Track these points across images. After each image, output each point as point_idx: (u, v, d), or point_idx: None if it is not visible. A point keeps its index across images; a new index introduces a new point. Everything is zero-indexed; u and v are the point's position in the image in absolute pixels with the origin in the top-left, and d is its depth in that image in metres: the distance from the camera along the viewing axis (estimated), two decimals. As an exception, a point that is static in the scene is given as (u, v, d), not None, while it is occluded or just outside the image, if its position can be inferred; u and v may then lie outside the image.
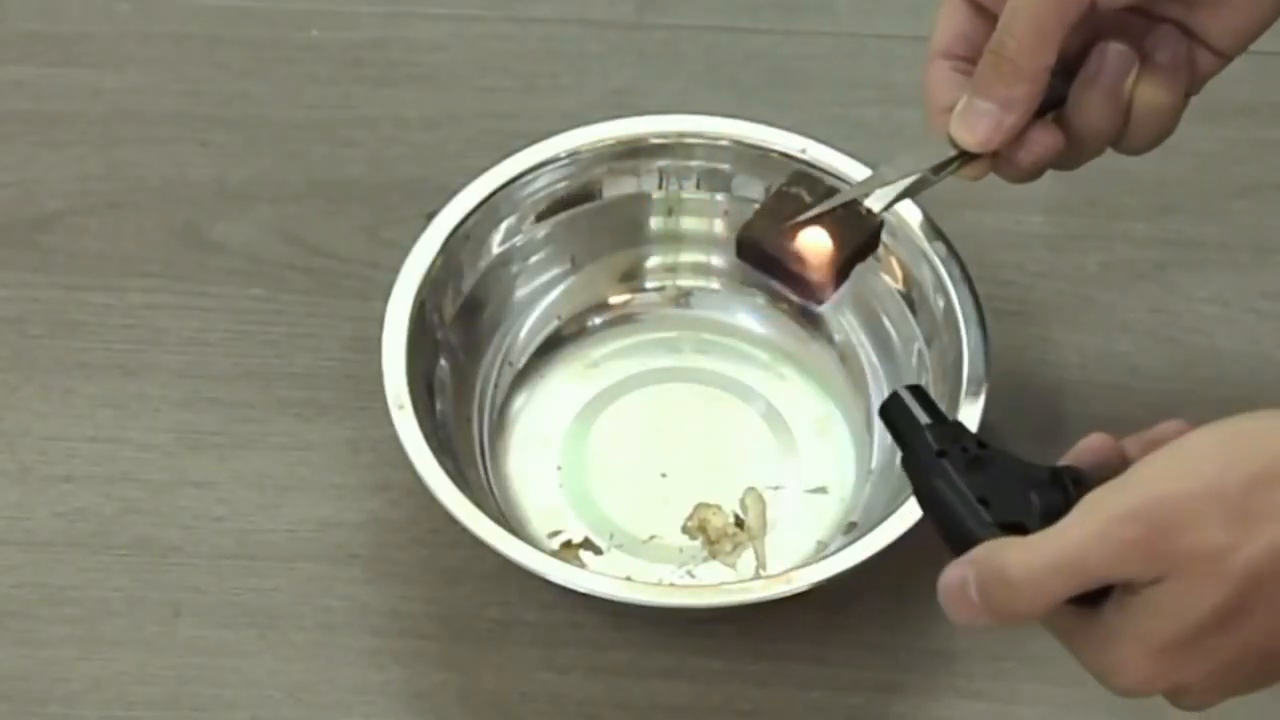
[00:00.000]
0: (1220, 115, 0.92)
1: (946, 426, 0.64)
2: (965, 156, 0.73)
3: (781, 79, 0.96)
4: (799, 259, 0.73)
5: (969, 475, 0.62)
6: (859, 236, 0.74)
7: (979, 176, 0.73)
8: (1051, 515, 0.60)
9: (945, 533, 0.62)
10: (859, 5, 0.98)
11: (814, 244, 0.73)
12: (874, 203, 0.74)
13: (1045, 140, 0.72)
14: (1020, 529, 0.60)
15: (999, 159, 0.73)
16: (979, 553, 0.60)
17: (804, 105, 0.94)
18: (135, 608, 0.80)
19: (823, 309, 0.84)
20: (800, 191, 0.75)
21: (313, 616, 0.80)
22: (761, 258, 0.75)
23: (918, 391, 0.65)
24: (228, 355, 0.87)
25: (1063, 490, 0.61)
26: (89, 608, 0.80)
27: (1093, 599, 0.60)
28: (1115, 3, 0.69)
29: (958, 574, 0.60)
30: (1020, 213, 0.90)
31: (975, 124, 0.71)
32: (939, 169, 0.73)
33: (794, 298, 0.75)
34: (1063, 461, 0.63)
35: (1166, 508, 0.58)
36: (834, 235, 0.74)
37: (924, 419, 0.64)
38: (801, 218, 0.74)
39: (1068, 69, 0.72)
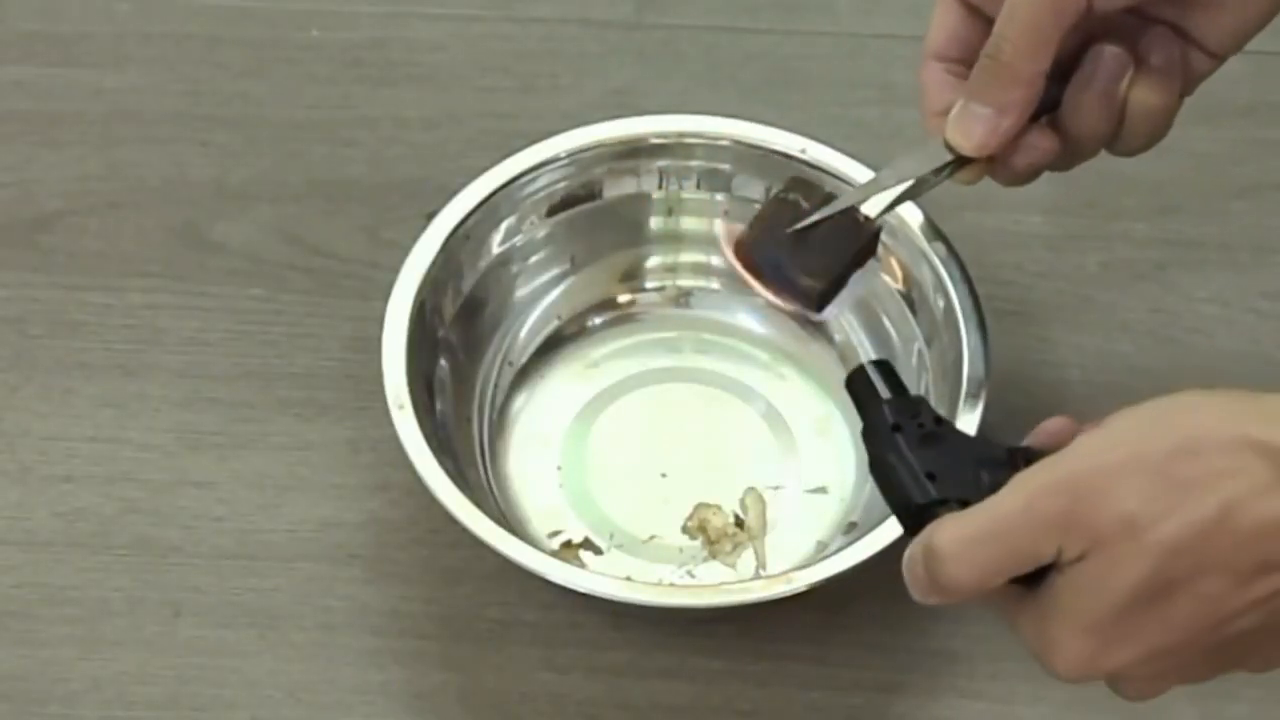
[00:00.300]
0: (1219, 115, 0.92)
1: (906, 401, 0.65)
2: (961, 161, 0.73)
3: (781, 79, 0.96)
4: (797, 268, 0.73)
5: (921, 450, 0.63)
6: (856, 244, 0.74)
7: (974, 180, 0.73)
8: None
9: (892, 504, 0.63)
10: (859, 5, 0.98)
11: (811, 253, 0.73)
12: (870, 209, 0.74)
13: (1041, 144, 0.72)
14: (966, 504, 0.61)
15: (994, 163, 0.73)
16: (926, 533, 0.61)
17: (804, 105, 0.94)
18: (135, 608, 0.80)
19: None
20: (797, 198, 0.75)
21: (313, 616, 0.80)
22: (759, 266, 0.74)
23: (884, 366, 0.66)
24: (228, 355, 0.87)
25: (1014, 469, 0.61)
26: (89, 608, 0.80)
27: (1035, 580, 0.60)
28: (1112, 6, 0.69)
29: (911, 552, 0.61)
30: (1020, 213, 0.90)
31: (971, 128, 0.71)
32: (935, 174, 0.73)
33: (791, 306, 0.75)
34: (1023, 443, 0.63)
35: (1088, 480, 0.59)
36: (831, 243, 0.73)
37: (885, 393, 0.65)
38: (798, 226, 0.74)
39: (1062, 72, 0.72)
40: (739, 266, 0.75)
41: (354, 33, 0.97)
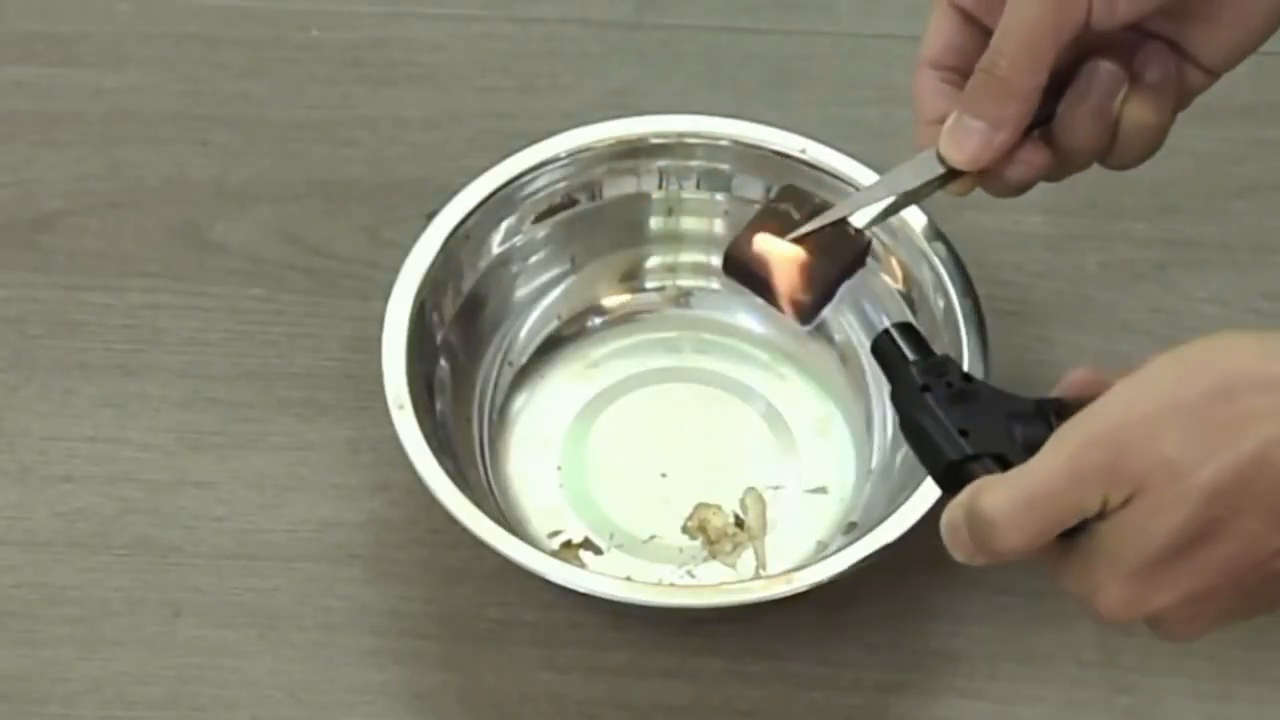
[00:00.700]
0: (1220, 115, 0.91)
1: (933, 361, 0.66)
2: (953, 173, 0.72)
3: (781, 79, 0.96)
4: (785, 279, 0.73)
5: (952, 408, 0.64)
6: (845, 256, 0.74)
7: (965, 192, 0.73)
8: (1033, 447, 0.61)
9: (926, 463, 0.64)
10: (859, 5, 0.98)
11: (800, 264, 0.73)
12: (859, 220, 0.74)
13: (1034, 160, 0.72)
14: (1000, 458, 0.62)
15: (986, 175, 0.72)
16: (965, 494, 0.61)
17: (804, 105, 0.94)
18: (135, 608, 0.80)
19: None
20: (789, 208, 0.74)
21: (313, 616, 0.80)
22: (748, 276, 0.75)
23: (908, 329, 0.67)
24: (228, 355, 0.87)
25: (1045, 422, 0.62)
26: (89, 608, 0.80)
27: (1076, 530, 0.61)
28: (1111, 23, 0.69)
29: (951, 516, 0.62)
30: (1020, 213, 0.90)
31: (965, 142, 0.71)
32: (926, 186, 0.73)
33: (780, 315, 0.76)
34: (1051, 395, 0.64)
35: (1127, 429, 0.59)
36: (820, 255, 0.73)
37: (911, 355, 0.66)
38: (789, 237, 0.73)
39: (1056, 85, 0.71)
40: (729, 274, 0.75)
41: (354, 33, 0.97)
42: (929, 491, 0.74)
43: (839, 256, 0.73)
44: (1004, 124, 0.71)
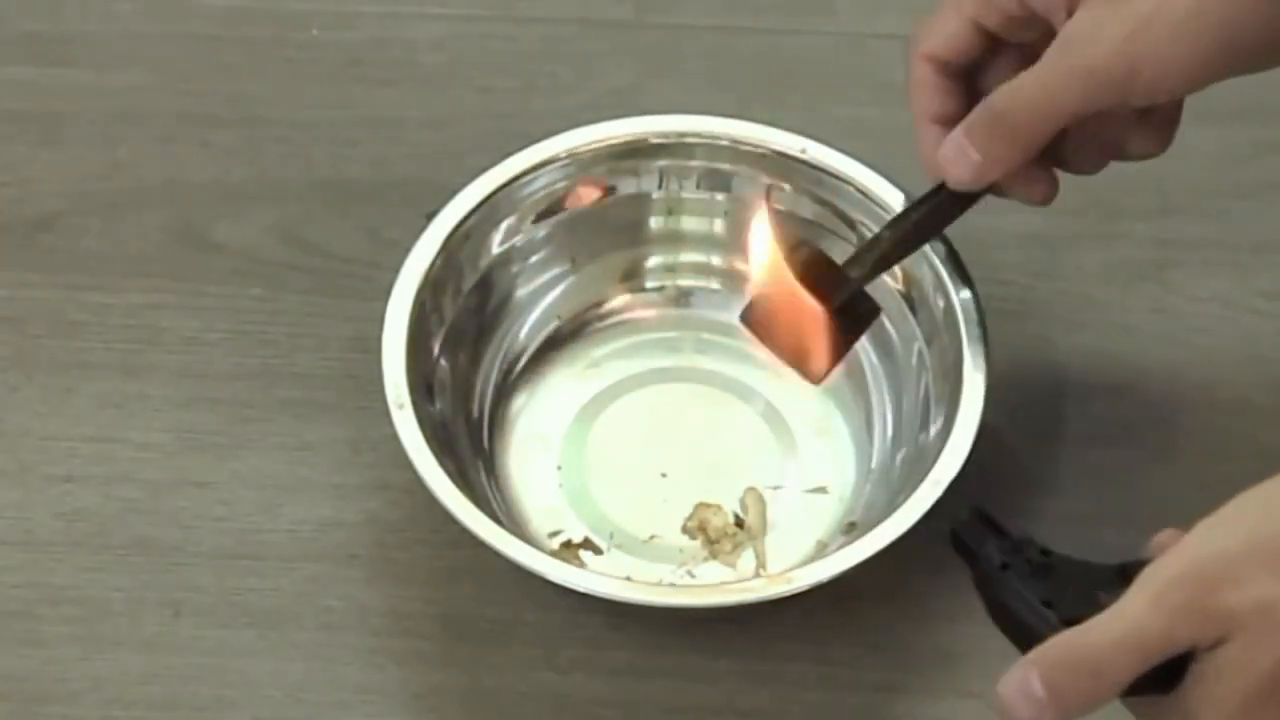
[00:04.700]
0: (1220, 115, 0.91)
1: (1009, 540, 0.65)
2: (961, 197, 0.74)
3: (781, 79, 0.96)
4: (800, 343, 0.75)
5: (1034, 583, 0.63)
6: (857, 321, 0.76)
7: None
8: None
9: (1016, 640, 0.63)
10: (859, 5, 0.98)
11: (813, 330, 0.74)
12: (857, 271, 0.75)
13: (1042, 189, 0.75)
14: None
15: (994, 187, 0.75)
16: (1039, 650, 0.60)
17: (804, 105, 0.94)
18: (135, 608, 0.80)
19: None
20: (808, 259, 0.76)
21: (313, 616, 0.80)
22: (763, 334, 0.76)
23: (980, 514, 0.66)
24: (228, 355, 0.87)
25: (1128, 584, 0.61)
26: (89, 608, 0.80)
27: (1170, 682, 0.60)
28: (1149, 102, 0.70)
29: (1018, 675, 0.61)
30: (1020, 213, 0.90)
31: (959, 168, 0.73)
32: (937, 215, 0.75)
33: (792, 369, 0.77)
34: (1136, 559, 0.63)
35: (1210, 566, 0.59)
36: (833, 320, 0.75)
37: (989, 537, 0.65)
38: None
39: None
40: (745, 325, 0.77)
41: (354, 33, 0.97)
42: (929, 491, 0.75)
43: (850, 321, 0.75)
44: (1002, 164, 0.72)
